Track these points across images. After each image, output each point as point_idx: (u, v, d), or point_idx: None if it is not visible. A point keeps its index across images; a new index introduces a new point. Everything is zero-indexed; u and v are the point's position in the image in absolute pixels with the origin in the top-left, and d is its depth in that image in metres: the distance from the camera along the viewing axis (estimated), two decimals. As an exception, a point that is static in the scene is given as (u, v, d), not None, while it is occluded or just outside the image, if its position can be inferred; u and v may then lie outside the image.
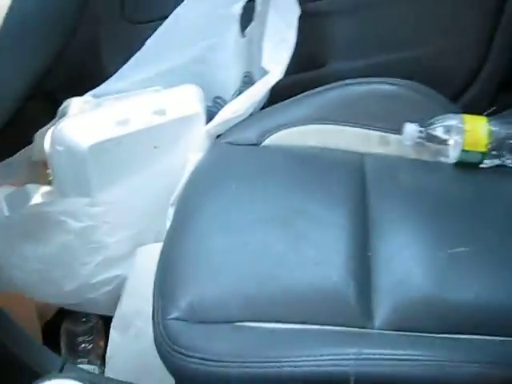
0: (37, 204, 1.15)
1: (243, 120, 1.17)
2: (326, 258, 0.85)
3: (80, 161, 1.05)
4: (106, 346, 1.14)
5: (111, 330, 1.12)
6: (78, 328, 1.23)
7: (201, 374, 0.74)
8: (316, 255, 0.86)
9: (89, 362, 1.16)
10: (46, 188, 1.23)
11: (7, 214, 1.19)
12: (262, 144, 1.12)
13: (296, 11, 1.22)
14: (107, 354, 1.11)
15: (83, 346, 1.20)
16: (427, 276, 0.82)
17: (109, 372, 1.10)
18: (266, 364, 0.72)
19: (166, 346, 0.79)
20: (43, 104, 1.39)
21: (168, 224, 1.07)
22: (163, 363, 0.80)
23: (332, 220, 0.93)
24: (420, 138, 1.07)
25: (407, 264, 0.85)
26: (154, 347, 0.81)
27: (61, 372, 0.66)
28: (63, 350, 1.21)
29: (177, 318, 0.81)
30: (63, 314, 1.25)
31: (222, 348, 0.75)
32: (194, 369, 0.75)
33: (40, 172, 1.25)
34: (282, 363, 0.72)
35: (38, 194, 1.21)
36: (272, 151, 1.10)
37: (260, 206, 0.96)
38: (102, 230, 1.11)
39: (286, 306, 0.80)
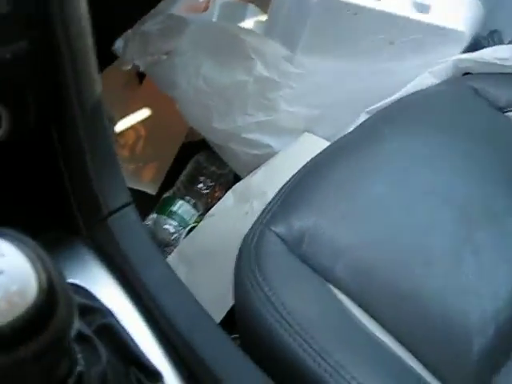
0: (241, 28, 1.01)
1: (507, 74, 0.91)
2: (480, 293, 0.63)
3: (304, 9, 0.88)
4: (217, 201, 1.04)
5: (229, 191, 1.01)
6: (207, 167, 1.13)
7: (255, 309, 0.59)
8: (473, 280, 0.64)
9: (194, 205, 1.07)
10: (262, 17, 1.09)
11: (214, 19, 1.08)
12: (508, 113, 0.87)
13: None
14: (211, 211, 1.01)
15: (200, 186, 1.10)
16: None
17: (199, 229, 1.00)
18: (322, 362, 0.54)
19: (248, 253, 0.64)
20: None
21: (350, 129, 0.89)
22: (235, 264, 0.66)
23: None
24: None
25: None
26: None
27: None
28: (182, 177, 1.12)
29: (278, 235, 0.66)
30: (205, 146, 1.15)
31: (296, 305, 0.59)
32: (251, 298, 0.60)
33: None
34: (338, 375, 0.54)
35: (251, 19, 1.08)
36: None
37: (452, 181, 0.74)
38: (283, 91, 0.95)
39: (400, 314, 0.62)
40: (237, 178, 1.11)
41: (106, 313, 0.47)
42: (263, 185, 0.95)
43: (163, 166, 1.20)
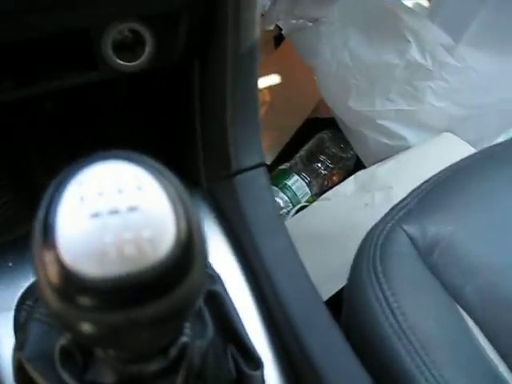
0: (402, 5, 0.92)
1: None
2: None
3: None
4: (334, 186, 0.97)
5: (351, 178, 0.94)
6: (330, 147, 1.06)
7: (370, 310, 0.52)
8: None
9: (309, 184, 1.00)
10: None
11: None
12: None
13: None
14: (326, 194, 0.94)
15: (319, 165, 1.03)
16: None
17: (311, 209, 0.93)
18: (426, 373, 0.46)
19: (372, 247, 0.57)
20: None
21: (499, 138, 0.80)
22: (355, 255, 0.59)
23: None
24: None
25: None
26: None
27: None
28: (301, 153, 1.06)
29: (410, 236, 0.58)
30: (331, 125, 1.08)
31: (418, 319, 0.51)
32: (368, 297, 0.52)
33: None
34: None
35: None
36: None
37: None
38: (434, 83, 0.86)
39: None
40: (358, 165, 1.04)
41: (216, 279, 0.42)
42: (390, 178, 0.88)
43: (283, 136, 1.14)
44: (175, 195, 0.22)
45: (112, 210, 0.21)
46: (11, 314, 0.43)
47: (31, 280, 0.46)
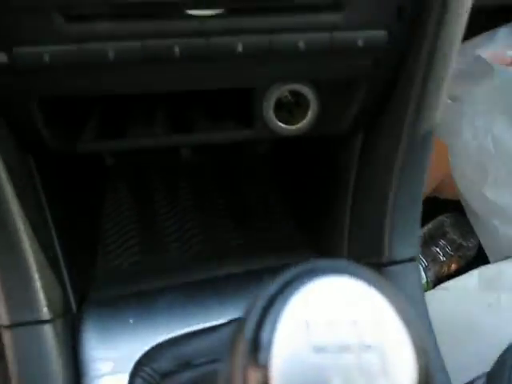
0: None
1: None
2: None
3: None
4: (451, 274, 0.90)
5: (475, 271, 0.86)
6: (450, 232, 0.99)
7: None
8: None
9: (425, 269, 0.93)
10: None
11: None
12: None
13: None
14: (445, 284, 0.87)
15: (437, 250, 0.96)
16: None
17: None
18: None
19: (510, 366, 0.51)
20: None
21: None
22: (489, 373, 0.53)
23: None
24: None
25: None
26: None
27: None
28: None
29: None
30: (453, 208, 1.01)
31: None
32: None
33: None
34: None
35: None
36: None
37: None
38: None
39: None
40: (479, 256, 0.96)
41: None
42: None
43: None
44: (416, 336, 0.17)
45: (342, 346, 0.16)
46: (125, 378, 0.40)
47: (152, 343, 0.42)
